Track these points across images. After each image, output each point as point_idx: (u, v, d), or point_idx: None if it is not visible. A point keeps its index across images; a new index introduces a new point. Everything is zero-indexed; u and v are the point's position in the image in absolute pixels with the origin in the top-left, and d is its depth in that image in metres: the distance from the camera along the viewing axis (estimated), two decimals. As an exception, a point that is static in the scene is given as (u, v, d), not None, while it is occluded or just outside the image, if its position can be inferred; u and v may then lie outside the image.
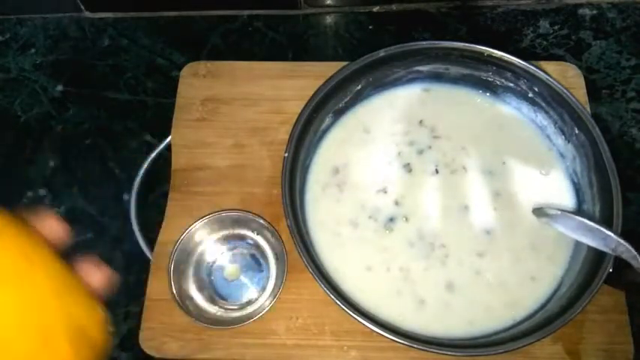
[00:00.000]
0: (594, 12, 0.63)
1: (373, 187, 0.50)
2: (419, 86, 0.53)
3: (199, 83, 0.56)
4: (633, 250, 0.40)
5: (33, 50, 0.63)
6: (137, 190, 0.54)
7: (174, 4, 0.64)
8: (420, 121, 0.52)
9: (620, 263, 0.41)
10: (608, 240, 0.41)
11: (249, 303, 0.48)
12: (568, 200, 0.49)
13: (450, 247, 0.47)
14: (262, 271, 0.49)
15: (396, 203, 0.49)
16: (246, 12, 0.64)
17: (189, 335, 0.47)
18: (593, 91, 0.55)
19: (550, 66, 0.55)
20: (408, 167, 0.50)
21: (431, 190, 0.49)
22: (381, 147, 0.51)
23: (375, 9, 0.64)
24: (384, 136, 0.52)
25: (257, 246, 0.50)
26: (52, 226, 0.28)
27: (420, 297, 0.46)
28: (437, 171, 0.50)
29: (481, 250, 0.47)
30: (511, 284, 0.46)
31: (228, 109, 0.55)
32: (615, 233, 0.41)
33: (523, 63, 0.48)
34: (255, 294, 0.49)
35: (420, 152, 0.51)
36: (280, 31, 0.63)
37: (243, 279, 0.49)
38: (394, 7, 0.64)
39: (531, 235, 0.48)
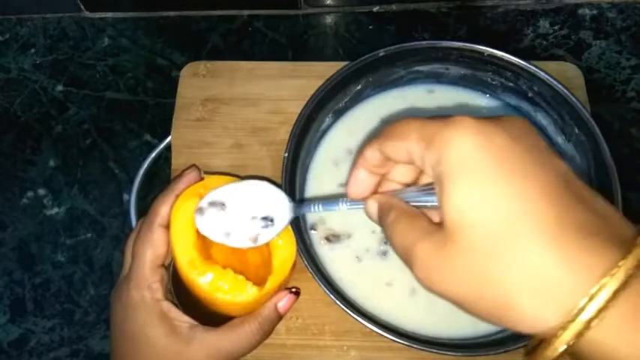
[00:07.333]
0: (594, 12, 0.63)
1: (373, 187, 0.50)
2: (419, 86, 0.53)
3: (199, 83, 0.56)
4: None
5: (33, 50, 0.63)
6: (137, 190, 0.54)
7: (174, 4, 0.64)
8: (420, 121, 0.52)
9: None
10: None
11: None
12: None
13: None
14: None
15: (396, 203, 0.49)
16: (246, 12, 0.64)
17: (189, 335, 0.47)
18: (593, 91, 0.55)
19: (550, 66, 0.54)
20: (408, 167, 0.50)
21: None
22: (381, 147, 0.51)
23: (375, 9, 0.64)
24: (384, 136, 0.52)
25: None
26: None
27: (420, 295, 0.46)
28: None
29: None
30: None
31: (228, 109, 0.55)
32: None
33: (523, 63, 0.48)
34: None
35: (420, 152, 0.51)
36: (280, 31, 0.63)
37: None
38: (394, 7, 0.64)
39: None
